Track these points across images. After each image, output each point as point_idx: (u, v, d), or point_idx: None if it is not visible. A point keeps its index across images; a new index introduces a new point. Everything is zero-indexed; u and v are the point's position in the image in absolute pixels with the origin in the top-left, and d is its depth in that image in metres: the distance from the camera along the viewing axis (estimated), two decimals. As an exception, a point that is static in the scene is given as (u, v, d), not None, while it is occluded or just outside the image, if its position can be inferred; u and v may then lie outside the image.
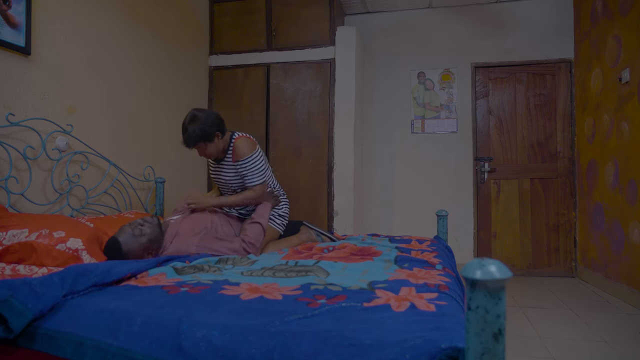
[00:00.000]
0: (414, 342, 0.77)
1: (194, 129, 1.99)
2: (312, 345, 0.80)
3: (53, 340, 0.92)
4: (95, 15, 2.51)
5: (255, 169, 2.13)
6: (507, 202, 3.91)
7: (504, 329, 0.65)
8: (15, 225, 1.58)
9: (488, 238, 3.94)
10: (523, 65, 3.92)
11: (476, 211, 3.97)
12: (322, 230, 2.31)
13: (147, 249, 1.76)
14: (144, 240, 1.74)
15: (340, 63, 3.62)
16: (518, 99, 3.94)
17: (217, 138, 2.08)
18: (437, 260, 1.65)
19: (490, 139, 3.98)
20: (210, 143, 2.06)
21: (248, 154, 2.12)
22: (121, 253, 1.68)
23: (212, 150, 2.09)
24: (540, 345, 2.15)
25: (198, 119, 2.01)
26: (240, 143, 2.13)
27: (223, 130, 2.11)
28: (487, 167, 3.92)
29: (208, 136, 2.02)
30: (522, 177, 3.90)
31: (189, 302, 1.02)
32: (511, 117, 3.95)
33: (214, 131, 2.04)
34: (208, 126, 2.02)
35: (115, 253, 1.67)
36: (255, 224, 2.05)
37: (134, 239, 1.72)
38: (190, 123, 2.00)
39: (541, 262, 3.83)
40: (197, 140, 2.01)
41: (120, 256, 1.68)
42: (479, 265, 0.65)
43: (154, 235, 1.79)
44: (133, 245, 1.71)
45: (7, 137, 1.96)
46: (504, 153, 3.94)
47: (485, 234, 3.95)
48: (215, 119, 2.07)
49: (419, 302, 1.02)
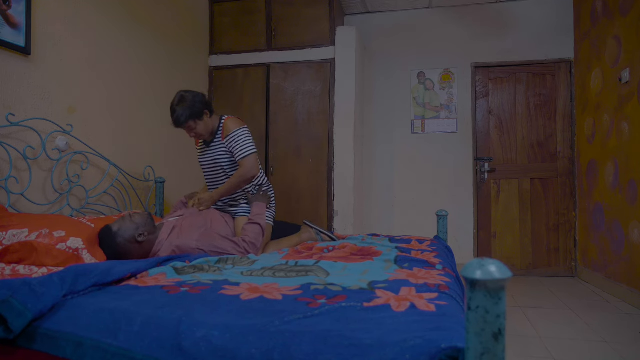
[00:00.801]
0: (414, 342, 0.77)
1: (183, 108, 2.03)
2: (312, 345, 0.80)
3: (53, 340, 0.92)
4: (95, 15, 2.51)
5: (244, 141, 2.14)
6: (507, 202, 3.91)
7: (504, 329, 0.65)
8: (15, 225, 1.58)
9: (488, 238, 3.94)
10: (523, 65, 3.92)
11: (476, 211, 3.97)
12: (322, 229, 2.31)
13: (139, 228, 1.78)
14: (136, 219, 1.79)
15: (340, 63, 3.62)
16: (518, 99, 3.94)
17: (206, 116, 2.11)
18: (437, 260, 1.65)
19: (490, 139, 3.98)
20: (199, 121, 2.08)
21: (237, 127, 2.15)
22: (111, 234, 1.72)
23: (202, 129, 2.11)
24: (540, 345, 2.15)
25: (186, 99, 2.05)
26: (229, 122, 2.17)
27: (211, 109, 2.15)
28: (487, 167, 3.92)
29: (197, 114, 2.06)
30: (522, 177, 3.90)
31: (189, 302, 1.02)
32: (511, 117, 3.95)
33: (202, 108, 2.08)
34: (197, 103, 2.06)
35: (106, 236, 1.72)
36: (254, 225, 2.05)
37: (124, 222, 1.77)
38: (179, 103, 2.05)
39: (541, 262, 3.83)
40: (187, 118, 2.04)
41: (112, 238, 1.71)
42: (479, 265, 0.65)
43: (144, 220, 1.82)
44: (123, 225, 1.75)
45: (7, 137, 1.96)
46: (504, 153, 3.94)
47: (485, 234, 3.95)
48: (203, 98, 2.12)
49: (419, 302, 1.02)
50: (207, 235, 1.90)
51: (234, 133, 2.14)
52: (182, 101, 2.05)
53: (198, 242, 1.85)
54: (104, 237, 1.73)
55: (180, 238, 1.84)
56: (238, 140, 2.13)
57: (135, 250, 1.77)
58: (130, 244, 1.75)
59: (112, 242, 1.72)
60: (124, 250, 1.74)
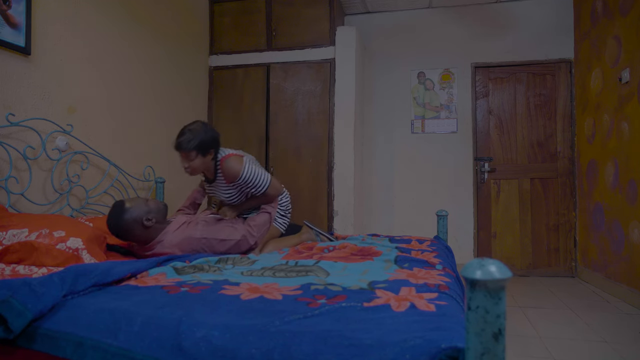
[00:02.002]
0: (414, 342, 0.77)
1: (194, 134, 1.91)
2: (312, 345, 0.80)
3: (53, 340, 0.92)
4: (95, 15, 2.51)
5: (256, 177, 2.04)
6: (507, 202, 3.91)
7: (504, 329, 0.65)
8: (15, 225, 1.58)
9: (488, 238, 3.94)
10: (523, 65, 3.92)
11: (476, 211, 3.97)
12: (322, 231, 2.32)
13: (150, 213, 1.78)
14: (150, 204, 1.80)
15: (340, 63, 3.62)
16: (518, 99, 3.93)
17: (210, 156, 1.99)
18: (437, 260, 1.65)
19: (490, 139, 3.98)
20: (201, 157, 1.95)
21: (240, 171, 2.01)
22: (122, 208, 1.74)
23: (198, 165, 1.96)
24: (540, 345, 2.15)
25: (200, 129, 1.94)
26: (227, 165, 2.02)
27: (217, 152, 2.03)
28: (487, 167, 3.92)
29: (204, 148, 1.94)
30: (522, 177, 3.90)
31: (189, 302, 1.02)
32: (511, 117, 3.95)
33: (211, 147, 1.96)
34: (208, 139, 1.94)
35: (116, 209, 1.75)
36: (263, 213, 2.11)
37: (138, 202, 1.79)
38: (192, 129, 1.93)
39: (541, 262, 3.83)
40: (193, 147, 1.90)
41: (120, 212, 1.74)
42: (479, 265, 0.65)
43: (157, 207, 1.82)
44: (136, 204, 1.77)
45: (7, 137, 1.96)
46: (504, 153, 3.94)
47: (485, 234, 3.94)
48: (217, 136, 2.01)
49: (419, 302, 1.02)
50: (211, 223, 1.93)
51: (241, 179, 2.02)
52: (197, 128, 1.93)
53: (202, 231, 1.87)
54: (113, 209, 1.75)
55: (186, 231, 1.86)
56: (250, 181, 2.03)
57: (139, 232, 1.77)
58: (136, 224, 1.76)
59: (119, 217, 1.73)
60: (128, 228, 1.75)
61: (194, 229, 1.88)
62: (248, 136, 3.80)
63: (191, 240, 1.84)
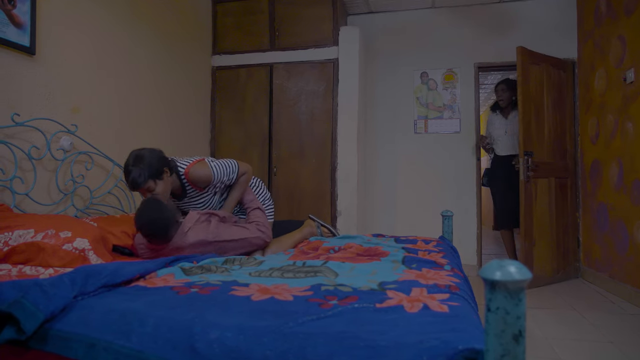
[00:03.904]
0: (431, 343, 0.76)
1: (140, 168, 1.80)
2: (327, 347, 0.79)
3: (64, 341, 0.92)
4: (98, 15, 2.51)
5: (226, 168, 2.05)
6: (511, 203, 3.89)
7: (524, 331, 0.65)
8: (21, 225, 1.57)
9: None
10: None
11: (479, 211, 3.96)
12: (324, 223, 2.35)
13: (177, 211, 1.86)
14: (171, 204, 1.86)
15: (343, 63, 3.61)
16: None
17: (166, 175, 1.90)
18: (444, 260, 1.64)
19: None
20: (159, 181, 1.85)
21: (211, 174, 2.00)
22: (161, 207, 1.75)
23: (164, 189, 1.88)
24: (546, 345, 2.15)
25: (143, 157, 1.82)
26: (195, 174, 1.98)
27: (171, 167, 1.95)
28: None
29: (157, 172, 1.84)
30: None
31: (200, 303, 1.01)
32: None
33: (161, 166, 1.86)
34: (155, 162, 1.84)
35: (155, 207, 1.74)
36: (254, 210, 2.13)
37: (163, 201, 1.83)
38: (135, 163, 1.80)
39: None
40: (147, 177, 1.80)
41: (162, 212, 1.74)
42: (498, 266, 0.65)
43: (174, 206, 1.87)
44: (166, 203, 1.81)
45: (12, 137, 1.96)
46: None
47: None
48: (160, 154, 1.91)
49: (432, 303, 1.01)
50: (221, 225, 1.92)
51: (215, 179, 2.01)
52: (139, 160, 1.81)
53: (213, 233, 1.86)
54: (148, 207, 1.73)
55: (200, 234, 1.85)
56: (223, 175, 2.03)
57: (174, 231, 1.79)
58: (174, 223, 1.79)
59: (160, 215, 1.73)
60: (167, 226, 1.75)
61: (205, 232, 1.86)
62: (251, 136, 3.80)
63: (204, 243, 1.84)
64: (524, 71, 3.36)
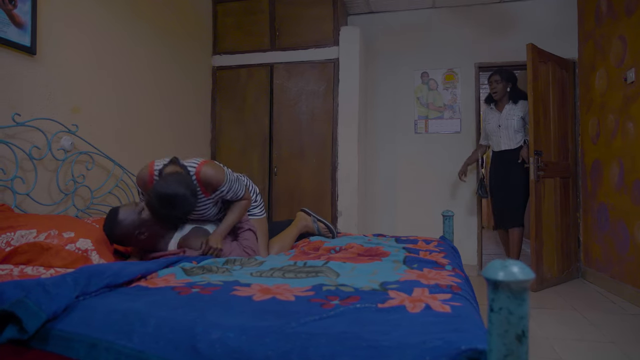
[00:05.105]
0: (433, 343, 0.76)
1: (187, 193, 1.64)
2: (329, 347, 0.79)
3: (66, 341, 0.92)
4: (99, 15, 2.51)
5: (235, 180, 1.88)
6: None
7: (527, 331, 0.65)
8: (23, 225, 1.57)
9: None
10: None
11: (479, 211, 3.96)
12: (320, 218, 2.32)
13: (140, 227, 1.69)
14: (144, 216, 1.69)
15: (344, 63, 3.61)
16: (522, 99, 3.91)
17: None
18: (445, 260, 1.64)
19: (493, 139, 3.95)
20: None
21: (223, 179, 1.81)
22: (116, 221, 1.67)
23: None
24: (547, 345, 2.15)
25: (180, 182, 1.66)
26: (206, 172, 1.78)
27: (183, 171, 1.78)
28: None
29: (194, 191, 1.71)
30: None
31: (202, 303, 1.01)
32: (515, 117, 3.92)
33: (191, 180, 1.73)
34: (189, 180, 1.72)
35: (110, 219, 1.68)
36: (246, 231, 1.98)
37: (130, 213, 1.70)
38: (178, 190, 1.63)
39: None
40: (186, 211, 1.69)
41: (113, 223, 1.67)
42: (501, 266, 0.65)
43: (153, 220, 1.70)
44: (129, 216, 1.68)
45: (13, 137, 1.96)
46: (508, 153, 3.92)
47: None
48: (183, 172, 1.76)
49: (434, 303, 1.01)
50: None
51: (224, 187, 1.83)
52: (179, 185, 1.64)
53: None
54: (107, 217, 1.69)
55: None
56: (232, 182, 1.86)
57: (135, 242, 1.73)
58: (130, 237, 1.71)
59: (112, 227, 1.68)
60: (122, 239, 1.71)
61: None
62: (251, 136, 3.80)
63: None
64: (535, 69, 3.28)
